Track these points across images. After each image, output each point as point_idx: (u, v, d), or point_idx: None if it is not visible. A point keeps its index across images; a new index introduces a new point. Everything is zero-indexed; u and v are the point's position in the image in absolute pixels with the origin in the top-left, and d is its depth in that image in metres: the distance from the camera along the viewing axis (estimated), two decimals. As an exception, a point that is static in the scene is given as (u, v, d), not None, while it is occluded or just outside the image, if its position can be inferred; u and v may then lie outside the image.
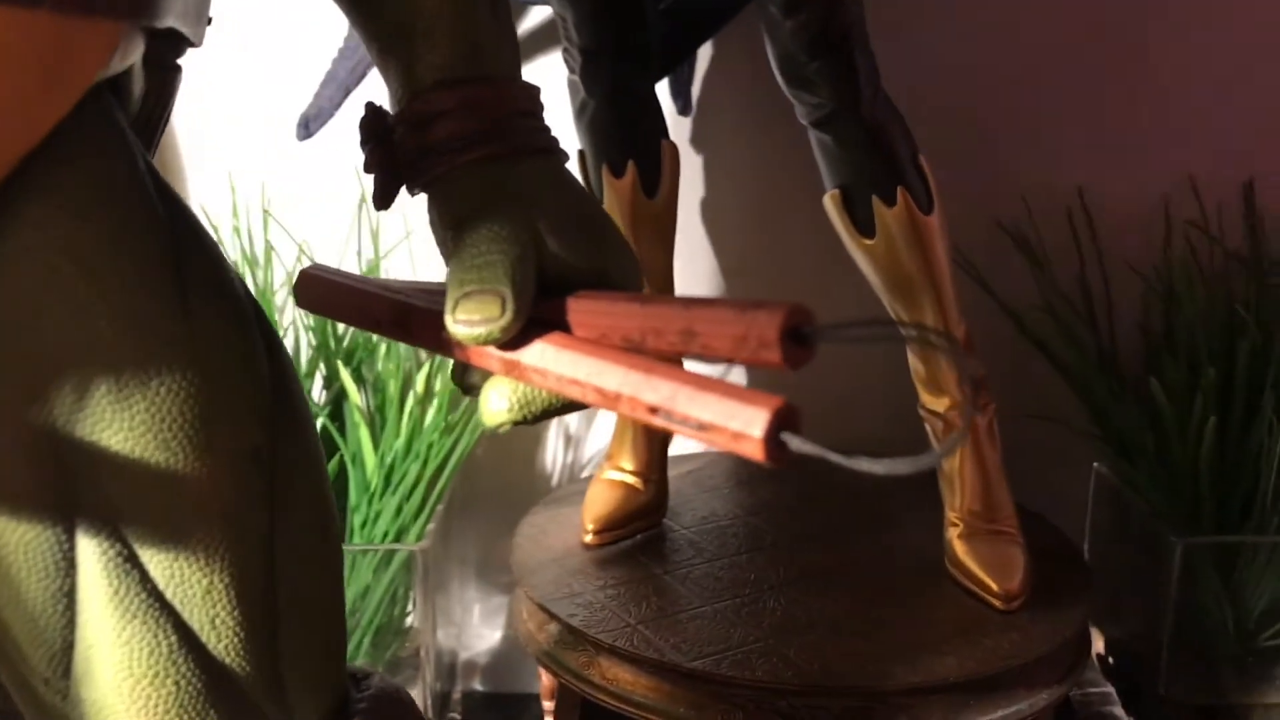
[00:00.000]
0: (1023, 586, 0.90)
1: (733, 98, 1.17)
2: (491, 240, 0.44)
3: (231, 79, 1.15)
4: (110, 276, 0.42)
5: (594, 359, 0.42)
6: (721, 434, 0.39)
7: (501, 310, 0.43)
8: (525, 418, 0.45)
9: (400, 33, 0.48)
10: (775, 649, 0.83)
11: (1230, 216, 1.17)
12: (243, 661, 0.47)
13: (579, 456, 1.26)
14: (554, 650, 0.89)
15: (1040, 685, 0.85)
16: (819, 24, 0.85)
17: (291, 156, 1.15)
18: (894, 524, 1.05)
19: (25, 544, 0.43)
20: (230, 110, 1.16)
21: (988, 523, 0.94)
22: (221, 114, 1.16)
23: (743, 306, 0.40)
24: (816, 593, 0.92)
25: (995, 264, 1.17)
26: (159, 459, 0.43)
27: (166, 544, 0.44)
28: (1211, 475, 1.06)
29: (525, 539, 1.01)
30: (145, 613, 0.44)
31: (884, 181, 0.89)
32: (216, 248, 0.47)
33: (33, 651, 0.45)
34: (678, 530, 1.03)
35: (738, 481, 1.15)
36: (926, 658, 0.82)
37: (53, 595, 0.44)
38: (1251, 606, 1.08)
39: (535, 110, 0.50)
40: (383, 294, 0.50)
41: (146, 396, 0.42)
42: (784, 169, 1.17)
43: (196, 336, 0.44)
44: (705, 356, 0.41)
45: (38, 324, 0.41)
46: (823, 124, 0.90)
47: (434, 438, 1.03)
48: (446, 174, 0.47)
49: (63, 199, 0.41)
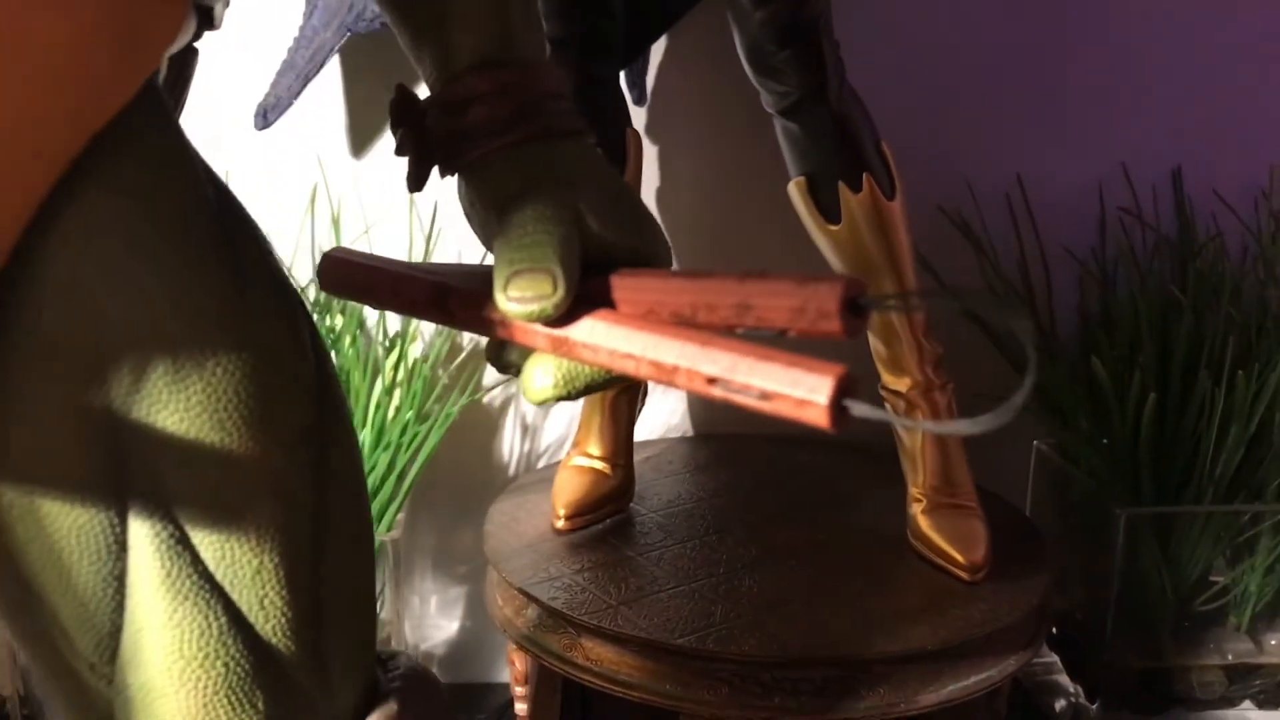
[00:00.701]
0: (986, 558, 0.93)
1: (686, 87, 1.18)
2: (537, 220, 0.45)
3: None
4: (166, 260, 0.42)
5: (647, 334, 0.43)
6: (785, 401, 0.40)
7: (553, 287, 0.44)
8: (569, 393, 0.46)
9: (435, 19, 0.48)
10: (757, 624, 0.85)
11: (1161, 202, 1.22)
12: (289, 641, 0.47)
13: (536, 446, 1.27)
14: (533, 634, 0.90)
15: (1008, 652, 0.88)
16: (788, 14, 0.87)
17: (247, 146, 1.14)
18: (851, 503, 1.08)
19: (78, 528, 0.43)
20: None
21: (949, 497, 0.97)
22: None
23: (800, 279, 0.41)
24: (788, 569, 0.94)
25: (940, 248, 1.20)
26: (214, 439, 0.43)
27: (218, 525, 0.44)
28: (1151, 449, 1.11)
29: (497, 526, 1.01)
30: (196, 594, 0.44)
31: (850, 168, 0.92)
32: (261, 231, 0.47)
33: (80, 636, 0.45)
34: (645, 514, 1.05)
35: (696, 466, 1.17)
36: (902, 628, 0.85)
37: (103, 579, 0.44)
38: (1188, 573, 1.13)
39: (563, 92, 0.51)
40: (419, 275, 0.50)
41: (203, 377, 0.43)
42: (736, 157, 1.19)
43: (249, 318, 0.44)
44: (759, 329, 0.43)
45: (95, 307, 0.41)
46: (790, 112, 0.92)
47: (404, 427, 1.03)
48: (483, 157, 0.48)
49: (120, 183, 0.41)
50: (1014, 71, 1.20)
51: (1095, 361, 1.11)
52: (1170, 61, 1.21)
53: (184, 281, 0.42)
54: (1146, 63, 1.21)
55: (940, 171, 1.21)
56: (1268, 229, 1.18)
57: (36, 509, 0.42)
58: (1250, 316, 1.12)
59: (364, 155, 1.18)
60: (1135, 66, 1.21)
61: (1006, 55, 1.20)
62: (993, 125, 1.22)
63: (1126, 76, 1.21)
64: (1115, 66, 1.21)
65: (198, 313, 0.42)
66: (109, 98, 0.40)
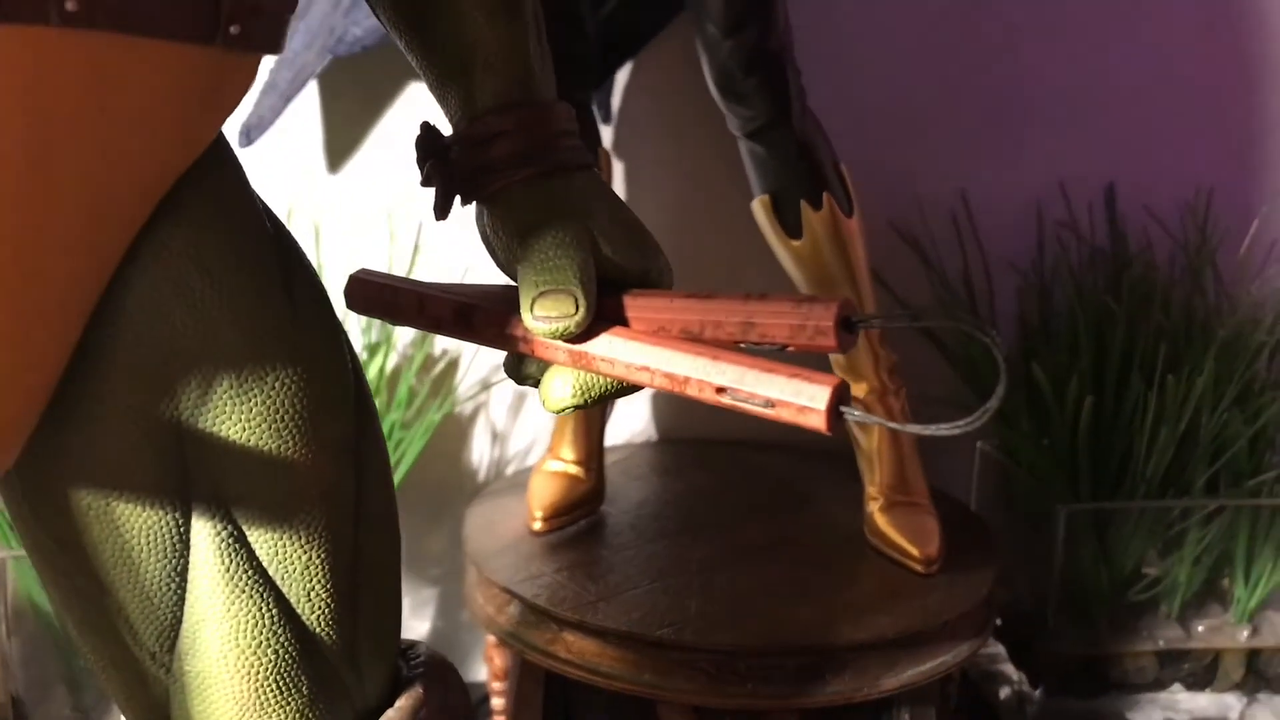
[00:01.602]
0: (939, 552, 0.99)
1: (649, 108, 1.24)
2: (558, 246, 0.50)
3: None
4: (231, 283, 0.46)
5: (660, 348, 0.49)
6: (788, 408, 0.45)
7: (575, 307, 0.49)
8: (585, 402, 0.52)
9: (461, 65, 0.53)
10: (732, 618, 0.91)
11: (1096, 217, 1.30)
12: (330, 631, 0.51)
13: (504, 453, 1.31)
14: (517, 630, 0.95)
15: (962, 638, 0.94)
16: (756, 43, 0.93)
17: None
18: (811, 502, 1.14)
19: (147, 529, 0.47)
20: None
21: (904, 495, 1.04)
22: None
23: (798, 300, 0.47)
24: (755, 566, 1.00)
25: (890, 262, 1.27)
26: (271, 446, 0.47)
27: (272, 524, 0.49)
28: (1089, 449, 1.18)
29: (476, 529, 1.06)
30: (251, 588, 0.49)
31: (811, 187, 0.98)
32: (307, 256, 0.52)
33: (144, 628, 0.49)
34: (616, 515, 1.10)
35: (663, 469, 1.22)
36: (864, 618, 0.91)
37: (168, 575, 0.48)
38: (1123, 565, 1.21)
39: (574, 129, 0.56)
40: (444, 295, 0.55)
41: (263, 390, 0.47)
42: (697, 176, 1.25)
43: (303, 337, 0.48)
44: (760, 344, 0.48)
45: (167, 325, 0.45)
46: (755, 135, 0.98)
47: (389, 433, 1.07)
48: (505, 188, 0.53)
49: (190, 212, 0.45)
50: (958, 96, 1.27)
51: (1035, 368, 1.18)
52: (1103, 85, 1.28)
53: (246, 302, 0.46)
54: (1081, 87, 1.28)
55: (891, 189, 1.28)
56: (1195, 242, 1.26)
57: (111, 511, 0.47)
58: (1179, 324, 1.20)
59: (339, 171, 1.22)
60: (1071, 90, 1.28)
61: (951, 80, 1.27)
62: (939, 146, 1.29)
63: (1062, 100, 1.28)
64: (1052, 91, 1.28)
65: (259, 331, 0.47)
66: (195, 141, 0.44)
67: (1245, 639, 1.23)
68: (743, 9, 0.92)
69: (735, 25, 0.92)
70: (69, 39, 0.38)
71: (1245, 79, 1.30)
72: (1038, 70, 1.28)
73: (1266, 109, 1.30)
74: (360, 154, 1.22)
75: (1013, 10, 1.26)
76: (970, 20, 1.26)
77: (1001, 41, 1.27)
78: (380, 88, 1.20)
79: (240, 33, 0.42)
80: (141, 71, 0.40)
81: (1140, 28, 1.27)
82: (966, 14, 1.25)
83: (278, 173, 1.20)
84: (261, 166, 1.19)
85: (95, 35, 0.38)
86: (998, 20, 1.26)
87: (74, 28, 0.37)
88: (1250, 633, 1.23)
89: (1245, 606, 1.23)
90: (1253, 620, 1.23)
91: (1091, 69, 1.28)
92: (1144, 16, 1.27)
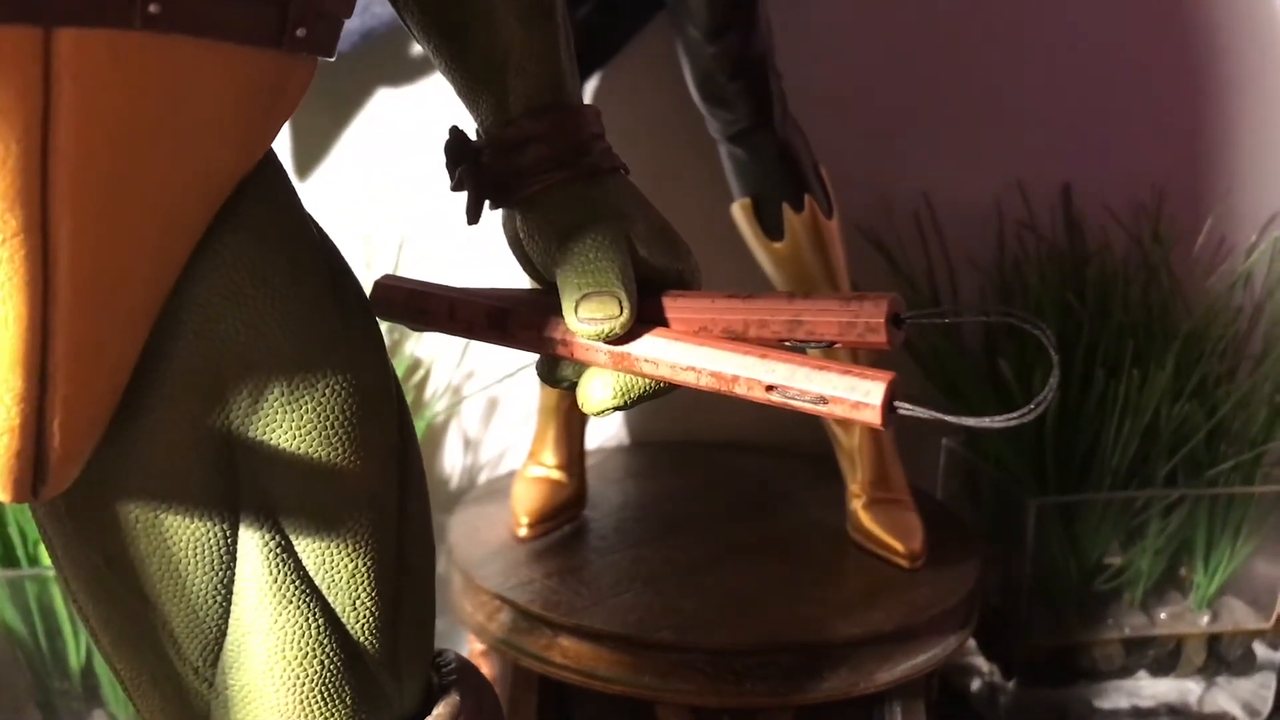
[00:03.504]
0: (924, 547, 1.01)
1: (624, 111, 1.24)
2: (598, 248, 0.51)
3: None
4: (284, 290, 0.46)
5: (707, 348, 0.49)
6: (841, 404, 0.46)
7: (619, 309, 0.49)
8: (625, 403, 0.52)
9: (492, 70, 0.53)
10: (725, 616, 0.91)
11: (1055, 216, 1.33)
12: (374, 640, 0.51)
13: (476, 461, 1.31)
14: (509, 637, 0.94)
15: (949, 631, 0.96)
16: (740, 48, 0.94)
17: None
18: (793, 502, 1.15)
19: (195, 541, 0.46)
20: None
21: (886, 492, 1.05)
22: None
23: (846, 298, 0.48)
24: (745, 566, 1.00)
25: (856, 262, 1.28)
26: (321, 454, 0.47)
27: (319, 533, 0.48)
28: (1055, 443, 1.21)
29: (461, 538, 1.05)
30: (299, 598, 0.48)
31: (793, 190, 0.99)
32: (352, 268, 0.52)
33: (188, 641, 0.48)
34: (599, 520, 1.10)
35: (640, 472, 1.23)
36: (858, 613, 0.93)
37: (214, 587, 0.47)
38: (1090, 556, 1.24)
39: (602, 132, 0.56)
40: (476, 299, 0.55)
41: (314, 397, 0.46)
42: (674, 177, 1.25)
43: (352, 344, 0.48)
44: (808, 342, 0.49)
45: (221, 333, 0.45)
46: (737, 139, 0.99)
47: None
48: (541, 192, 0.53)
49: (245, 220, 0.45)
50: (920, 98, 1.30)
51: (1002, 364, 1.21)
52: (1059, 88, 1.32)
53: (299, 310, 0.46)
54: (1038, 89, 1.31)
55: (854, 190, 1.30)
56: (1150, 241, 1.30)
57: (160, 523, 0.46)
58: (1139, 320, 1.23)
59: (307, 178, 1.20)
60: (1028, 92, 1.31)
61: (913, 83, 1.29)
62: (902, 148, 1.31)
63: (1020, 102, 1.31)
64: (1010, 93, 1.31)
65: (311, 339, 0.46)
66: (256, 147, 0.44)
67: (1205, 624, 1.26)
68: (727, 13, 0.92)
69: (719, 29, 0.93)
70: (150, 43, 0.37)
71: (1197, 81, 1.34)
72: (996, 73, 1.30)
73: (1218, 111, 1.34)
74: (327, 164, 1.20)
75: (972, 15, 1.28)
76: (931, 25, 1.28)
77: (962, 45, 1.29)
78: (348, 97, 1.19)
79: (305, 36, 0.42)
80: (212, 75, 0.40)
81: (1094, 32, 1.31)
82: (928, 19, 1.28)
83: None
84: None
85: (173, 39, 0.37)
86: (958, 24, 1.29)
87: (155, 31, 0.37)
88: (1210, 618, 1.27)
89: (1205, 593, 1.27)
90: (1212, 606, 1.27)
91: (1048, 72, 1.31)
92: (1097, 21, 1.30)
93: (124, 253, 0.40)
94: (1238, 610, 1.28)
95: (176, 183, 0.40)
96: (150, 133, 0.38)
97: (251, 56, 0.41)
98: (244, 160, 0.44)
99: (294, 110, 0.45)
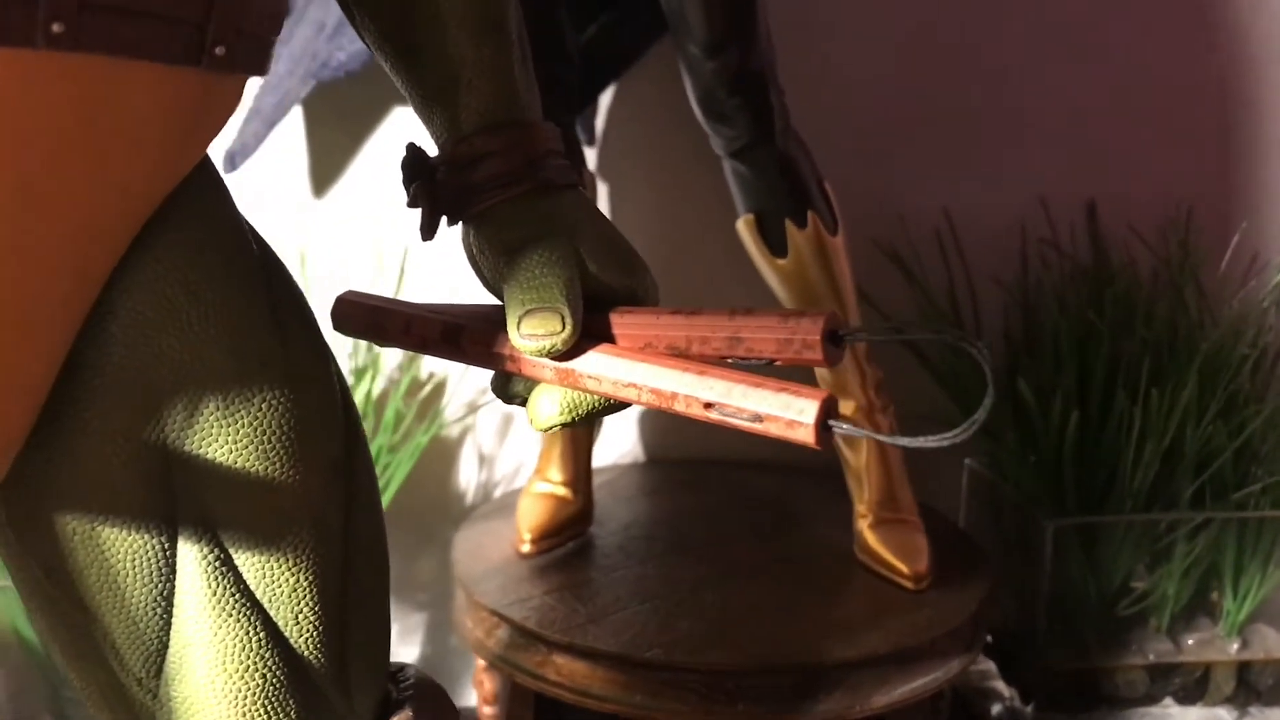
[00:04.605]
0: (929, 569, 1.00)
1: (633, 130, 1.24)
2: (544, 264, 0.50)
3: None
4: (218, 306, 0.46)
5: (647, 364, 0.49)
6: (776, 423, 0.45)
7: (562, 325, 0.49)
8: (572, 420, 0.51)
9: (445, 86, 0.53)
10: (722, 637, 0.90)
11: (1078, 234, 1.31)
12: (319, 654, 0.51)
13: (491, 476, 1.31)
14: (506, 653, 0.94)
15: (952, 654, 0.94)
16: (738, 64, 0.93)
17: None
18: (803, 521, 1.14)
19: (133, 553, 0.47)
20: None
21: (893, 513, 1.04)
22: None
23: (785, 315, 0.47)
24: (746, 585, 0.99)
25: (875, 279, 1.27)
26: (258, 468, 0.47)
27: (259, 547, 0.48)
28: (1075, 464, 1.18)
29: (464, 553, 1.05)
30: (239, 612, 0.48)
31: (795, 206, 0.99)
32: (294, 279, 0.52)
33: (130, 653, 0.49)
34: (604, 537, 1.09)
35: (651, 490, 1.22)
36: (854, 635, 0.91)
37: (154, 600, 0.48)
38: (1112, 579, 1.21)
39: (560, 149, 0.56)
40: (431, 315, 0.55)
41: (250, 412, 0.47)
42: (683, 195, 1.25)
43: (290, 359, 0.48)
44: (748, 359, 0.48)
45: (154, 348, 0.45)
46: (739, 154, 0.98)
47: (377, 457, 1.06)
48: (492, 208, 0.53)
49: (179, 236, 0.45)
50: (941, 113, 1.28)
51: (1021, 383, 1.19)
52: (1083, 103, 1.29)
53: (233, 324, 0.46)
54: (1061, 105, 1.29)
55: (875, 207, 1.29)
56: (1176, 258, 1.27)
57: (96, 535, 0.46)
58: (1163, 338, 1.20)
59: (324, 196, 1.22)
60: (1051, 109, 1.29)
61: (934, 98, 1.28)
62: (922, 164, 1.29)
63: (1043, 118, 1.29)
64: (1033, 109, 1.29)
65: (246, 353, 0.47)
66: (181, 162, 0.44)
67: (1235, 652, 1.23)
68: (724, 30, 0.92)
69: (717, 46, 0.93)
70: (55, 61, 0.38)
71: (1223, 96, 1.31)
72: (1019, 88, 1.29)
73: (1245, 125, 1.31)
74: (345, 179, 1.22)
75: (995, 29, 1.27)
76: (953, 39, 1.27)
77: (984, 59, 1.28)
78: (365, 112, 1.21)
79: (225, 54, 0.42)
80: (127, 93, 0.40)
81: (1119, 46, 1.28)
82: (950, 33, 1.26)
83: (262, 198, 1.20)
84: (246, 192, 1.19)
85: (81, 57, 0.38)
86: (980, 39, 1.27)
87: (60, 50, 0.37)
88: (1240, 645, 1.23)
89: (1234, 619, 1.23)
90: (1242, 633, 1.24)
91: (1072, 87, 1.29)
92: (1123, 35, 1.28)
93: (32, 266, 0.40)
94: (1269, 637, 1.24)
95: (89, 197, 0.41)
96: (59, 148, 0.39)
97: (171, 74, 0.41)
98: (168, 176, 0.44)
99: (223, 126, 0.46)
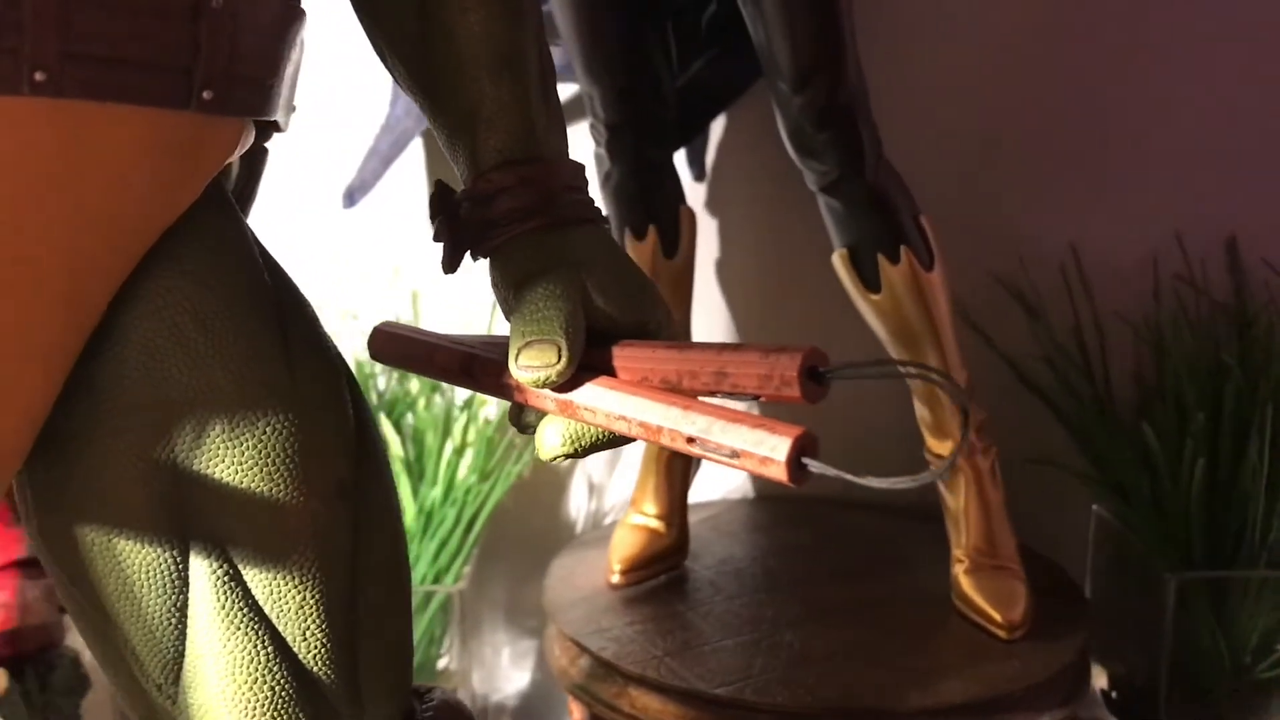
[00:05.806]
0: (1024, 618, 0.96)
1: (743, 165, 1.25)
2: (547, 298, 0.51)
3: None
4: (226, 334, 0.49)
5: (638, 398, 0.49)
6: (751, 459, 0.45)
7: (558, 357, 0.50)
8: (576, 451, 0.52)
9: (467, 121, 0.55)
10: (794, 677, 0.89)
11: (1214, 270, 1.24)
12: (327, 669, 0.53)
13: (601, 505, 1.32)
14: (585, 683, 0.95)
15: (1041, 709, 0.90)
16: (825, 98, 0.93)
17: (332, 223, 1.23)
18: (902, 564, 1.11)
19: (147, 565, 0.50)
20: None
21: (991, 559, 1.00)
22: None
23: (766, 350, 0.47)
24: (831, 627, 0.98)
25: (995, 316, 1.24)
26: (263, 489, 0.50)
27: (266, 564, 0.51)
28: (1202, 514, 1.12)
29: (556, 580, 1.07)
30: (247, 626, 0.51)
31: (888, 241, 0.97)
32: (313, 311, 0.54)
33: (149, 660, 0.52)
34: (698, 571, 1.09)
35: (754, 527, 1.21)
36: (934, 683, 0.88)
37: (168, 610, 0.51)
38: (1245, 639, 1.13)
39: (580, 185, 0.57)
40: (450, 346, 0.57)
41: (254, 435, 0.49)
42: (791, 230, 1.24)
43: (297, 386, 0.51)
44: (734, 394, 0.48)
45: (164, 372, 0.48)
46: (830, 189, 0.97)
47: (470, 484, 1.09)
48: (507, 242, 0.54)
49: (188, 267, 0.49)
50: (1066, 144, 1.24)
51: (1146, 428, 1.13)
52: (1223, 132, 1.23)
53: (239, 350, 0.49)
54: (1200, 134, 1.23)
55: (995, 241, 1.25)
56: (1322, 297, 1.19)
57: (113, 546, 0.49)
58: (1301, 383, 1.12)
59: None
60: (1188, 138, 1.23)
61: (1056, 128, 1.24)
62: (1046, 196, 1.25)
63: (1179, 148, 1.23)
64: (1166, 137, 1.23)
65: (251, 378, 0.49)
66: (176, 198, 0.47)
67: (1386, 723, 1.13)
68: (810, 65, 0.92)
69: (803, 81, 0.92)
70: (41, 107, 0.41)
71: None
72: (1152, 115, 1.23)
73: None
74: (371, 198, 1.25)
75: (1128, 54, 1.22)
76: (1082, 64, 1.22)
77: (1115, 86, 1.23)
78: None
79: (214, 98, 0.45)
80: (114, 135, 0.43)
81: (1262, 72, 1.21)
82: (1078, 59, 1.22)
83: (381, 234, 1.25)
84: (366, 228, 1.25)
85: (66, 103, 0.41)
86: (1111, 64, 1.22)
87: (45, 96, 0.41)
88: (1394, 717, 1.13)
89: (1384, 687, 1.14)
90: (1397, 703, 1.14)
91: (1210, 114, 1.23)
92: (1264, 61, 1.21)
93: (22, 300, 0.44)
94: None
95: (78, 235, 0.44)
96: (46, 189, 0.42)
97: (158, 116, 0.44)
98: (162, 211, 0.47)
99: (222, 164, 0.48)
